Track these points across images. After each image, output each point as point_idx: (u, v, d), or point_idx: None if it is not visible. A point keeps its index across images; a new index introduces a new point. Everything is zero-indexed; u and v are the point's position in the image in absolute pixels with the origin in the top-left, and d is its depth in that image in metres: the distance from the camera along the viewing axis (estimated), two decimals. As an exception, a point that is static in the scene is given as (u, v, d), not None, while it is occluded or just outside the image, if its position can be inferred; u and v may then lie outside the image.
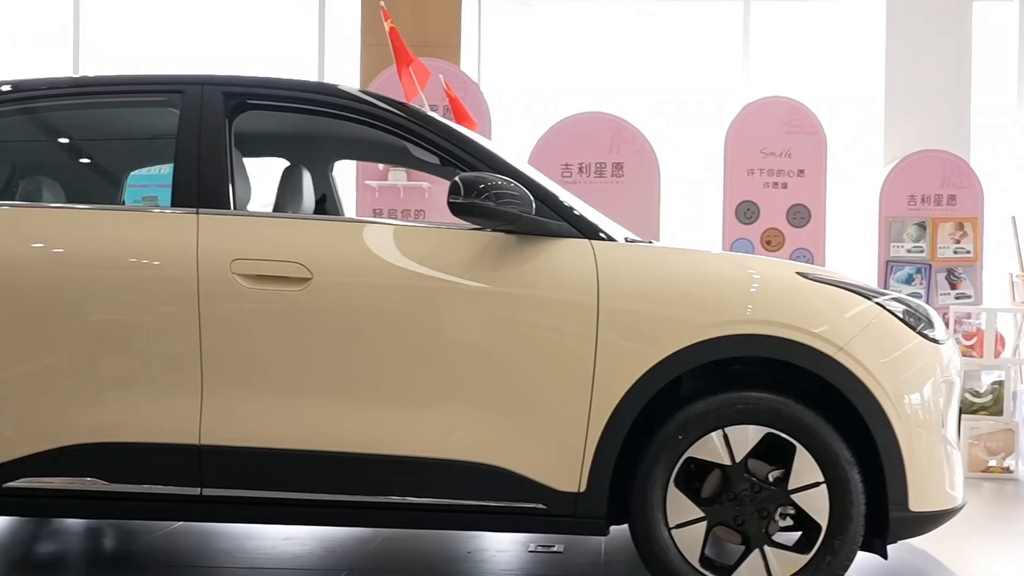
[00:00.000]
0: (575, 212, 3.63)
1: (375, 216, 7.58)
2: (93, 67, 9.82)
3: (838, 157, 8.31)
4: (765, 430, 3.45)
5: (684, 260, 3.62)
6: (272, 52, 9.76)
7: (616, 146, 7.92)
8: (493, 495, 3.49)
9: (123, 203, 4.89)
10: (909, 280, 7.88)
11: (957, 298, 7.82)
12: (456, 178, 3.46)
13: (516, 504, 3.49)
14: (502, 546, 4.52)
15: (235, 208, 3.68)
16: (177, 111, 3.90)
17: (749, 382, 3.60)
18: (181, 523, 4.75)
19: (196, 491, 3.52)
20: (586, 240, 3.57)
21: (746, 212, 7.96)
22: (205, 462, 3.50)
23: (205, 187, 3.65)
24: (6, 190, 4.37)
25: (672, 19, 9.61)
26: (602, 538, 4.60)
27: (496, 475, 3.46)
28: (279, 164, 4.62)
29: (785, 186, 7.95)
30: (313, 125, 4.64)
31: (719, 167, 8.05)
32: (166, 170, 7.16)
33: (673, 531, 3.46)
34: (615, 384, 3.43)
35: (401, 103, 3.85)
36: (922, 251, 7.94)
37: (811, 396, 3.51)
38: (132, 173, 5.14)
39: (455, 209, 3.44)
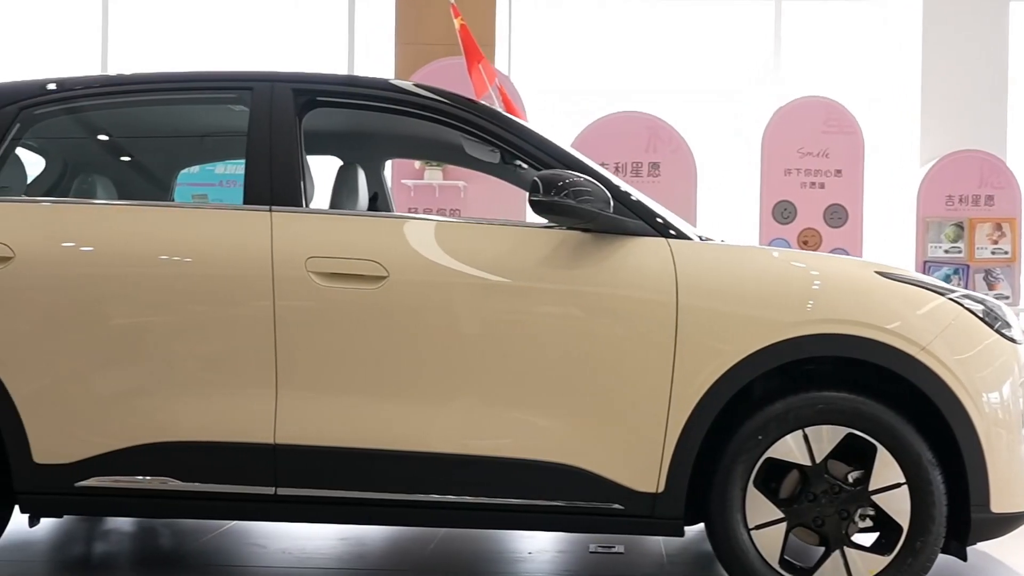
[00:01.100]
0: (651, 210, 3.61)
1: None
2: (122, 67, 9.82)
3: (873, 157, 8.28)
4: (845, 430, 3.42)
5: (762, 258, 3.59)
6: (301, 51, 9.75)
7: (653, 145, 7.90)
8: (570, 496, 3.46)
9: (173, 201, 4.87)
10: (947, 281, 7.84)
11: (995, 299, 7.78)
12: (535, 176, 3.44)
13: (593, 505, 3.46)
14: (562, 547, 4.49)
15: (307, 206, 3.65)
16: (241, 108, 3.88)
17: (823, 382, 3.56)
18: (235, 523, 4.73)
19: (271, 490, 3.50)
20: (662, 238, 3.54)
21: (783, 212, 7.94)
22: (280, 461, 3.47)
23: (277, 185, 3.62)
24: (61, 186, 4.34)
25: (704, 18, 9.58)
26: (662, 539, 4.58)
27: (573, 475, 3.43)
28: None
29: (822, 186, 7.93)
30: (366, 123, 4.62)
31: (755, 166, 8.03)
32: (219, 168, 7.18)
33: (752, 532, 3.43)
34: (694, 383, 3.40)
35: (475, 102, 3.82)
36: (960, 252, 7.92)
37: (885, 397, 3.48)
38: (182, 171, 5.13)
39: (536, 207, 3.41)
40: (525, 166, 4.56)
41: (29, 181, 4.19)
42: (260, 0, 9.89)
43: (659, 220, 3.58)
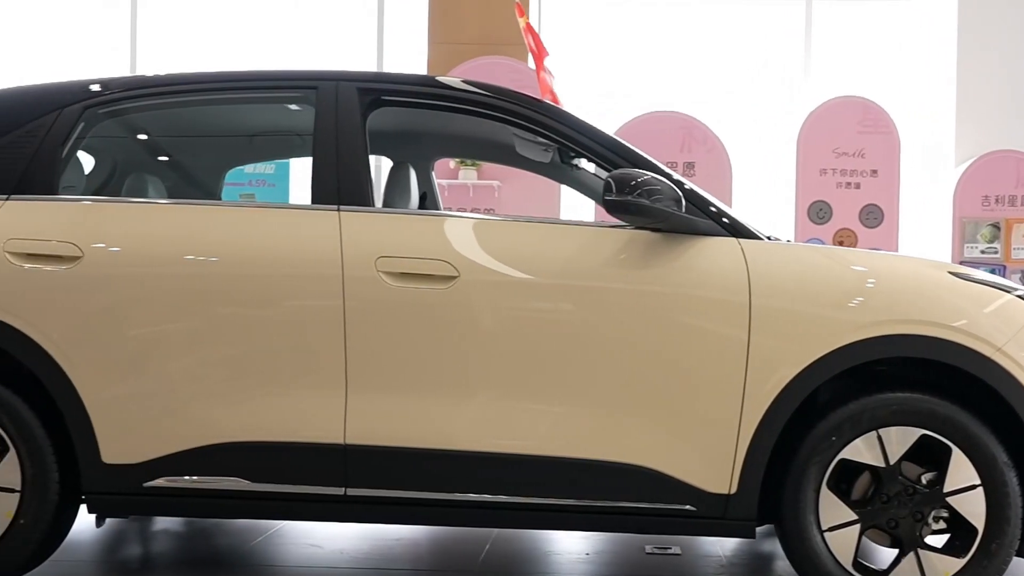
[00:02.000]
0: (721, 209, 3.59)
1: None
2: (150, 66, 9.82)
3: (908, 157, 8.25)
4: (920, 432, 3.39)
5: (836, 258, 3.57)
6: (330, 51, 9.73)
7: (688, 145, 7.89)
8: (642, 497, 3.44)
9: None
10: (983, 281, 7.81)
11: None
12: (608, 176, 3.43)
13: (665, 506, 3.44)
14: (619, 548, 4.48)
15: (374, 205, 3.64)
16: (298, 107, 3.87)
17: (892, 383, 3.54)
18: (286, 523, 4.71)
19: (340, 491, 3.48)
20: (733, 238, 3.52)
21: (818, 212, 7.92)
22: (350, 461, 3.46)
23: (345, 184, 3.61)
24: (123, 185, 4.33)
25: (735, 17, 9.56)
26: (718, 540, 4.56)
27: (645, 476, 3.41)
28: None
29: (858, 186, 7.90)
30: (417, 122, 4.60)
31: (790, 166, 8.00)
32: (248, 168, 7.15)
33: (826, 534, 3.41)
34: (768, 384, 3.38)
35: (547, 103, 3.80)
36: (996, 252, 7.89)
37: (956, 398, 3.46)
38: (231, 170, 5.13)
39: (610, 206, 3.40)
40: (580, 166, 4.61)
41: (92, 180, 4.18)
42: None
43: (729, 220, 3.56)
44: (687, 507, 3.44)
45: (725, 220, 3.56)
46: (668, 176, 3.56)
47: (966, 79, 8.50)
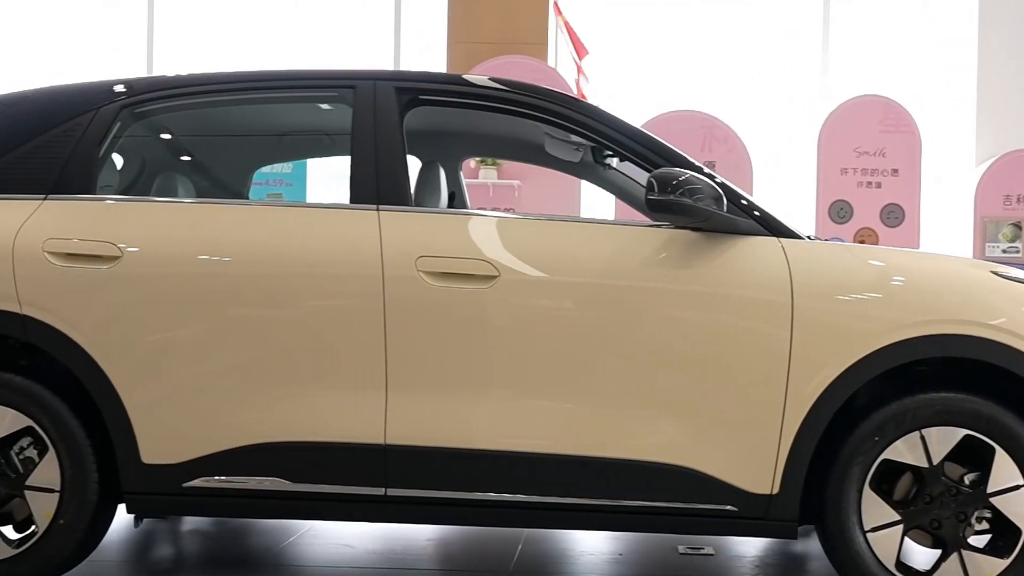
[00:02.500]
0: (761, 209, 3.57)
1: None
2: (167, 66, 9.82)
3: (929, 156, 8.22)
4: (963, 432, 3.37)
5: (878, 258, 3.55)
6: (346, 50, 9.73)
7: (708, 144, 7.88)
8: (684, 497, 3.43)
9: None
10: (1005, 280, 7.79)
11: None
12: (651, 176, 3.41)
13: (707, 506, 3.43)
14: (651, 548, 4.46)
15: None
16: (328, 107, 3.86)
17: (933, 383, 3.52)
18: (317, 523, 4.70)
19: (380, 491, 3.47)
20: (774, 238, 3.50)
21: (839, 211, 7.90)
22: (390, 462, 3.45)
23: (384, 184, 3.60)
24: (155, 185, 4.32)
25: (753, 16, 9.54)
26: (752, 540, 4.54)
27: (687, 477, 3.40)
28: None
29: (879, 185, 7.88)
30: (446, 121, 4.59)
31: (810, 165, 7.99)
32: (266, 168, 7.14)
33: (868, 534, 3.39)
34: (810, 384, 3.36)
35: (582, 101, 3.79)
36: (1018, 251, 7.87)
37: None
38: (258, 170, 5.12)
39: (653, 206, 3.39)
40: (610, 165, 4.59)
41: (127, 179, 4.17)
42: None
43: (769, 219, 3.55)
44: (728, 507, 3.42)
45: (766, 219, 3.54)
46: (709, 175, 3.55)
47: (987, 77, 8.49)
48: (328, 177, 8.84)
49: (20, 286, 3.50)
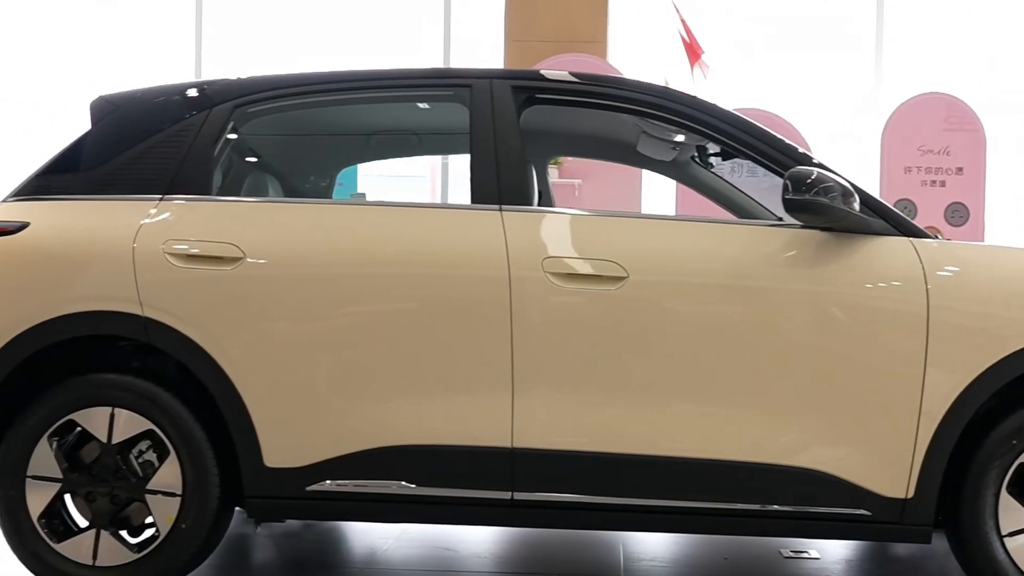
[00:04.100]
0: (891, 208, 3.53)
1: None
2: (217, 68, 9.81)
3: (994, 154, 8.15)
4: (1101, 435, 3.32)
5: (1014, 257, 3.50)
6: (396, 48, 9.70)
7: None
8: (816, 501, 3.37)
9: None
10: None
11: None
12: (786, 175, 3.37)
13: (840, 510, 3.37)
14: (755, 551, 4.41)
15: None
16: (447, 106, 3.82)
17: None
18: (413, 526, 4.66)
19: (507, 495, 3.42)
20: (906, 238, 3.45)
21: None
22: (517, 465, 3.40)
23: (505, 183, 3.55)
24: (264, 185, 4.28)
25: (803, 12, 9.48)
26: (857, 544, 4.49)
27: (820, 480, 3.35)
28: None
29: (943, 184, 7.81)
30: (538, 120, 4.54)
31: (874, 164, 7.93)
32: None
33: (1005, 539, 3.34)
34: (947, 386, 3.31)
35: (705, 100, 3.73)
36: (1084, 250, 7.77)
37: None
38: (343, 170, 5.08)
39: (791, 206, 3.33)
40: (714, 165, 4.55)
41: (229, 179, 4.12)
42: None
43: (900, 219, 3.50)
44: (862, 511, 3.37)
45: (897, 219, 3.49)
46: (837, 174, 3.50)
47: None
48: (375, 176, 8.83)
49: (142, 288, 3.47)
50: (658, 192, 8.14)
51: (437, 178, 9.71)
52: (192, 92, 3.81)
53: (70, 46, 10.18)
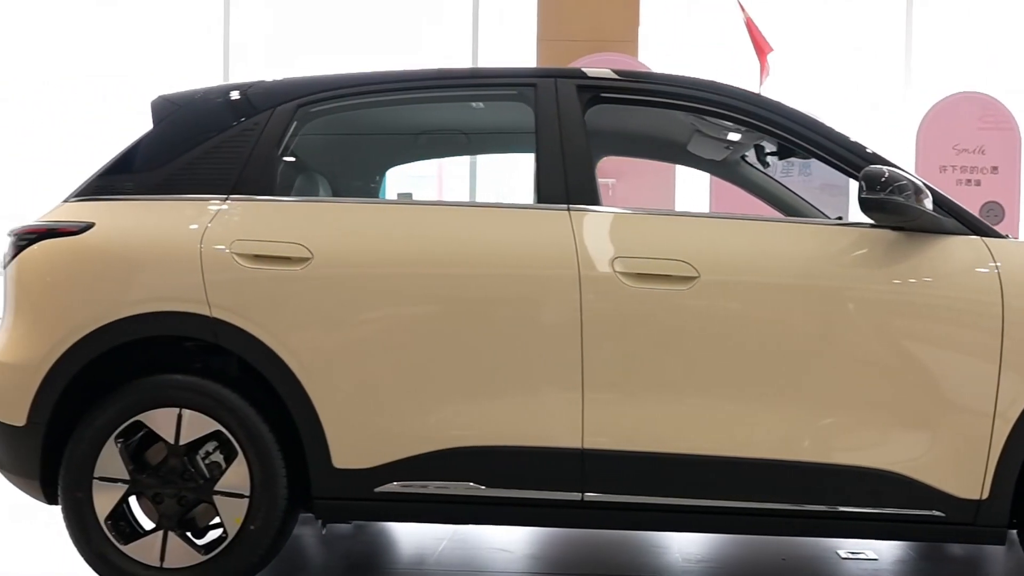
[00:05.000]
0: (962, 207, 3.50)
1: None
2: (244, 66, 9.81)
3: (1027, 153, 8.13)
4: None
5: (1088, 258, 3.47)
6: (423, 47, 9.69)
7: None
8: (889, 502, 3.35)
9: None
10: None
11: None
12: (861, 174, 3.35)
13: (913, 512, 3.35)
14: (813, 552, 4.39)
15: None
16: (510, 105, 3.80)
17: None
18: (465, 527, 4.64)
19: (577, 496, 3.41)
20: (978, 237, 3.43)
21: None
22: (587, 466, 3.38)
23: (572, 183, 3.54)
24: (318, 184, 4.27)
25: (831, 12, 9.45)
26: (916, 545, 4.47)
27: (893, 481, 3.33)
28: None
29: (978, 183, 7.79)
30: (589, 120, 4.53)
31: (909, 163, 7.89)
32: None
33: (1081, 541, 3.33)
34: (1022, 386, 3.29)
35: (771, 99, 3.71)
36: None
37: None
38: (390, 169, 5.06)
39: (867, 205, 3.31)
40: (768, 164, 4.52)
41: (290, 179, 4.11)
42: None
43: (972, 218, 3.48)
44: (935, 512, 3.35)
45: (969, 219, 3.47)
46: (911, 173, 3.48)
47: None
48: (404, 176, 8.82)
49: (209, 289, 3.45)
50: (691, 192, 8.13)
51: (443, 178, 9.68)
52: (255, 91, 3.80)
53: (70, 46, 10.18)
